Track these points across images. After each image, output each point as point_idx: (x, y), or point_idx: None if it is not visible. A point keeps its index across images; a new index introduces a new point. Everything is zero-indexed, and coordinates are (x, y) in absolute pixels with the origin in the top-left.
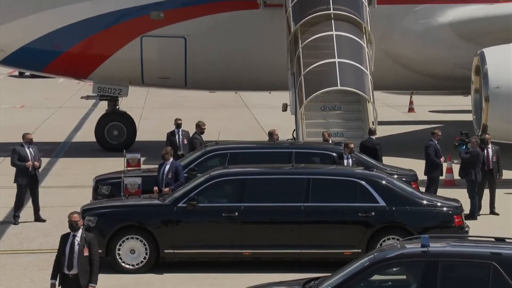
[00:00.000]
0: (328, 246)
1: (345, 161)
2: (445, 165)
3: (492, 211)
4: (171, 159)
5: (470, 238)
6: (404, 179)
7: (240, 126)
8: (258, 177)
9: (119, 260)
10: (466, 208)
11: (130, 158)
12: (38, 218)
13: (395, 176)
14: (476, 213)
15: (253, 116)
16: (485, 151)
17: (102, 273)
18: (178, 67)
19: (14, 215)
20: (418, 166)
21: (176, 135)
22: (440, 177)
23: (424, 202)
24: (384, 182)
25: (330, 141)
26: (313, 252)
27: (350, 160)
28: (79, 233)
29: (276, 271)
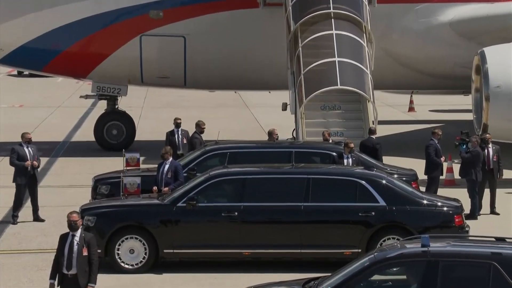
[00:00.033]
0: (328, 246)
1: (345, 161)
2: (446, 165)
3: (493, 211)
4: (171, 159)
5: (471, 238)
6: (404, 179)
7: (240, 126)
8: (258, 177)
9: (118, 260)
10: (467, 208)
11: (130, 158)
12: (37, 218)
13: (395, 176)
14: (477, 213)
15: (253, 116)
16: (486, 151)
17: (101, 273)
18: (178, 66)
19: (13, 215)
20: (419, 166)
21: (176, 135)
22: (441, 177)
23: (425, 202)
24: (384, 182)
25: (331, 141)
26: (313, 252)
27: (350, 160)
28: (78, 233)
29: (276, 271)
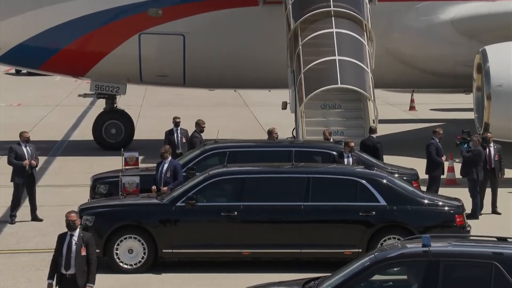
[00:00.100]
0: (328, 246)
1: (346, 160)
2: (447, 164)
3: (494, 210)
4: (170, 158)
5: (472, 238)
6: (405, 178)
7: (239, 125)
8: (258, 176)
9: (117, 260)
10: (468, 207)
11: (128, 157)
12: (35, 218)
13: (396, 175)
14: (478, 213)
15: (253, 114)
16: (487, 150)
17: (100, 273)
18: (177, 65)
19: (11, 215)
20: (419, 165)
21: (175, 134)
22: (442, 176)
23: (425, 202)
24: (385, 181)
25: (331, 140)
26: (313, 252)
27: (351, 159)
28: (77, 233)
29: (276, 271)
